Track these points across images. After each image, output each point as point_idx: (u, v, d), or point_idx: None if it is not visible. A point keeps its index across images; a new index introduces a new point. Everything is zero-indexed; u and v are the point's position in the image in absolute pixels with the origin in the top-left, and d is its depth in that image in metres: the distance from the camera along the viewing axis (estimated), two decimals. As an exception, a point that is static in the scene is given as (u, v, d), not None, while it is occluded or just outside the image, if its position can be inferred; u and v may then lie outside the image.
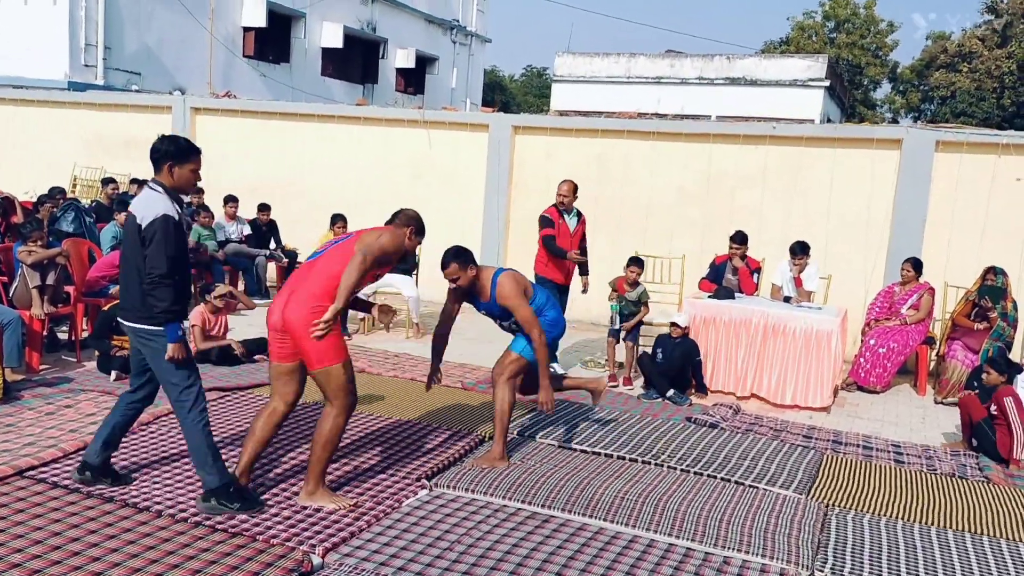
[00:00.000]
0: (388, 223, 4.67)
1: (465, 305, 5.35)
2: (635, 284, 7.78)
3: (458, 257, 4.99)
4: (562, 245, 7.68)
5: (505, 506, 4.63)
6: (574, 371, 8.17)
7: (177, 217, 4.27)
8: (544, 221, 7.76)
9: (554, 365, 8.00)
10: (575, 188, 7.78)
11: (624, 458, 5.50)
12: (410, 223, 4.60)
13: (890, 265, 9.03)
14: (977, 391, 6.54)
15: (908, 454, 6.10)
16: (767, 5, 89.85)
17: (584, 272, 8.03)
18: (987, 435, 6.12)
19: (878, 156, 9.21)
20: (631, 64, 29.62)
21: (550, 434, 5.85)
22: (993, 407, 6.10)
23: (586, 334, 9.81)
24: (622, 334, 7.84)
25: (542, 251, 7.78)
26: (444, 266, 4.99)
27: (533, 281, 5.85)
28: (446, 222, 10.79)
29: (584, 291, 8.05)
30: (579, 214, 7.90)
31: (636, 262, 7.85)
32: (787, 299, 8.02)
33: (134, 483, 4.59)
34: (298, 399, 4.56)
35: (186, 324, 6.97)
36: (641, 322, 7.85)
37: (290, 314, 4.27)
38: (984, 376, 6.35)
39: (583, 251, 7.91)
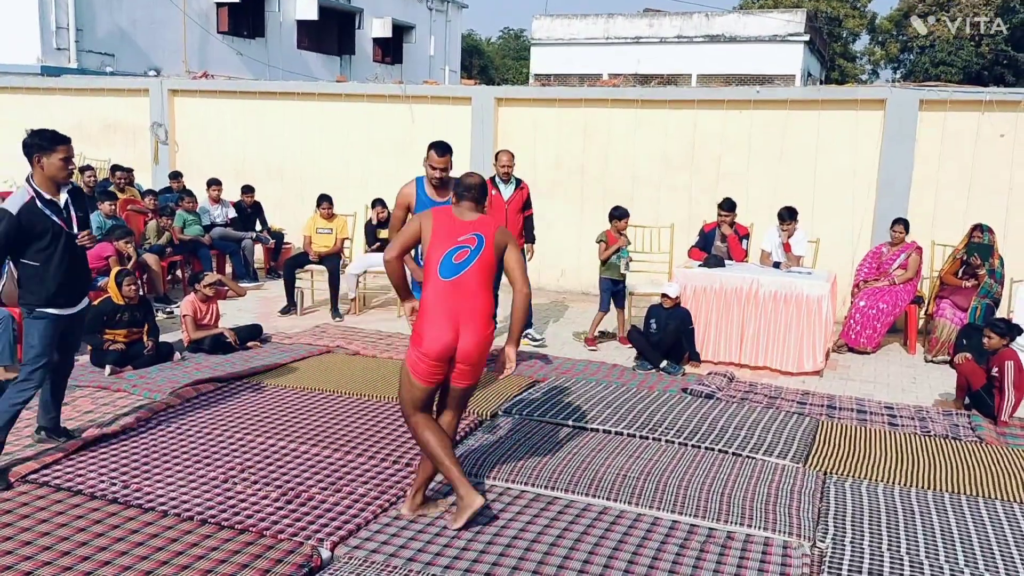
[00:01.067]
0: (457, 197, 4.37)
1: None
2: (621, 234, 7.99)
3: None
4: (495, 214, 7.69)
5: (509, 489, 4.67)
6: (568, 344, 8.20)
7: (23, 210, 4.52)
8: None
9: (530, 331, 8.19)
10: (512, 157, 7.90)
11: (623, 434, 5.55)
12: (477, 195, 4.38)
13: (877, 226, 9.08)
14: (967, 354, 6.57)
15: (901, 416, 6.19)
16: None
17: (530, 240, 8.02)
18: (986, 402, 6.20)
19: (862, 117, 9.21)
20: (609, 25, 29.40)
21: (547, 413, 5.88)
22: (994, 369, 6.15)
23: (577, 304, 9.83)
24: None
25: None
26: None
27: None
28: (432, 198, 10.75)
29: (528, 258, 8.02)
30: (518, 182, 7.91)
31: (619, 211, 8.04)
32: (776, 264, 8.06)
33: (137, 483, 4.60)
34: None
35: (176, 311, 7.02)
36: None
37: (470, 347, 4.10)
38: (985, 340, 6.33)
39: (526, 219, 7.92)
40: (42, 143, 4.53)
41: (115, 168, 11.17)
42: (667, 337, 7.32)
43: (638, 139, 10.13)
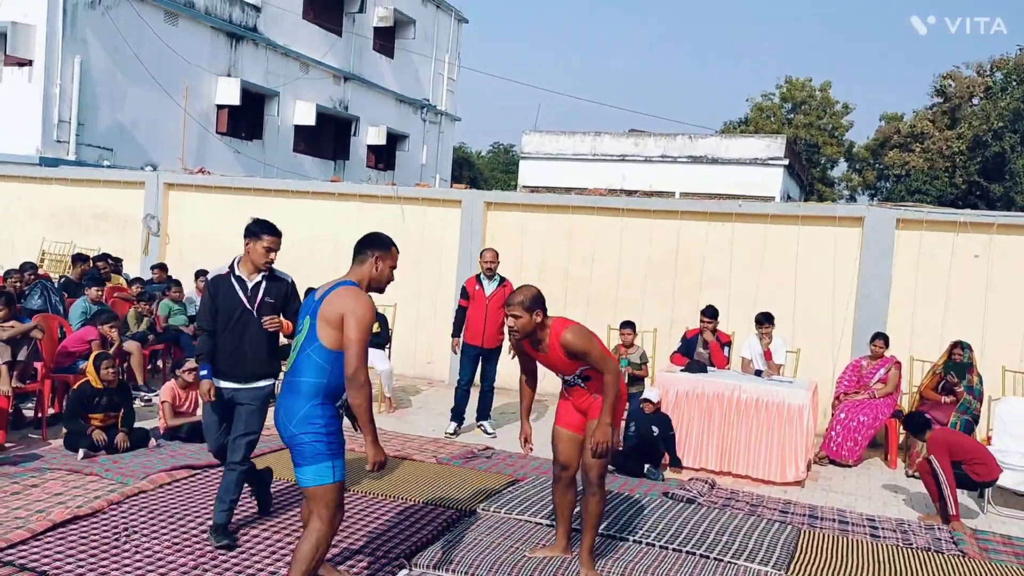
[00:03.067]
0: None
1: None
2: (631, 345, 8.26)
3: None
4: (476, 309, 8.13)
5: (486, 585, 4.57)
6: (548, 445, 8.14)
7: (215, 279, 5.06)
8: (461, 291, 8.36)
9: (484, 423, 8.38)
10: (497, 255, 8.26)
11: (602, 535, 5.46)
12: None
13: (857, 338, 9.20)
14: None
15: (883, 528, 6.14)
16: (726, 87, 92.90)
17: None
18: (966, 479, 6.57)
19: (841, 233, 9.48)
20: (596, 142, 30.31)
21: (527, 510, 5.80)
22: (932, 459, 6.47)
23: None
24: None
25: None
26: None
27: None
28: (420, 296, 10.86)
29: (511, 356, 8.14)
30: (501, 279, 8.25)
31: (628, 324, 8.39)
32: (758, 372, 8.13)
33: (105, 564, 4.47)
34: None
35: (155, 399, 7.02)
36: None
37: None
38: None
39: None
40: (255, 230, 4.94)
41: (102, 257, 11.25)
42: (646, 443, 7.29)
43: (623, 246, 10.34)
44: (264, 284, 4.94)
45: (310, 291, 4.35)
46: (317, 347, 3.78)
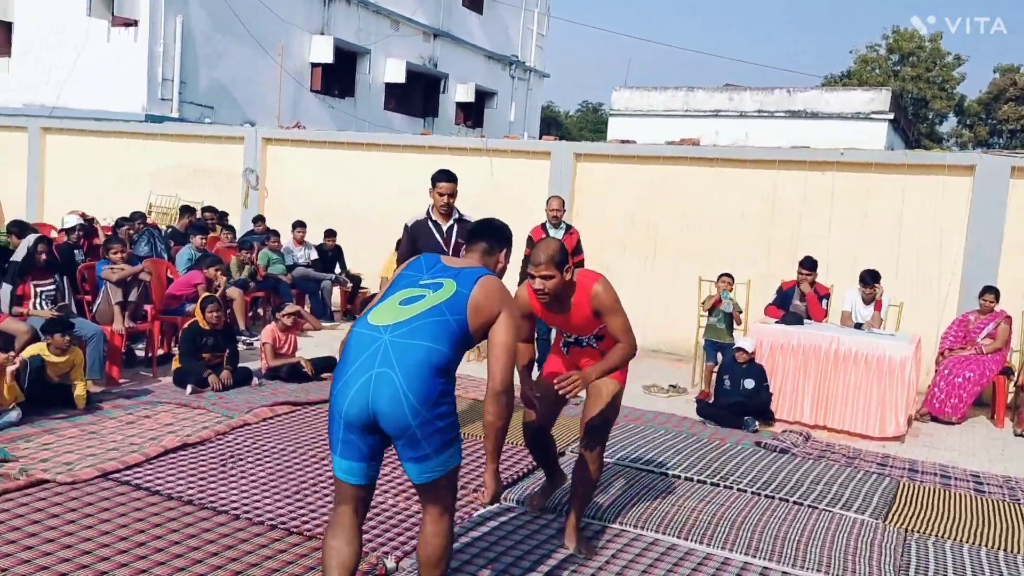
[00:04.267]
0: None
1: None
2: (726, 294, 8.22)
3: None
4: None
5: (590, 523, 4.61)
6: (636, 397, 8.12)
7: (416, 224, 5.75)
8: (527, 241, 8.23)
9: None
10: (563, 203, 8.35)
11: (693, 479, 5.44)
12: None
13: (964, 293, 8.82)
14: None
15: (988, 484, 5.92)
16: (828, 39, 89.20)
17: None
18: None
19: (950, 182, 9.05)
20: (689, 98, 29.61)
21: (615, 454, 5.81)
22: None
23: (663, 363, 9.69)
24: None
25: None
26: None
27: None
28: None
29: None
30: (568, 227, 8.28)
31: (727, 275, 8.31)
32: (858, 326, 7.88)
33: (213, 486, 4.70)
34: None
35: (256, 343, 7.20)
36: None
37: None
38: None
39: (577, 264, 8.02)
40: (432, 178, 5.62)
41: (206, 209, 11.67)
42: (747, 401, 7.15)
43: (715, 197, 10.13)
44: (456, 227, 5.49)
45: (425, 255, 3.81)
46: (462, 321, 3.05)
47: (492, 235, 3.51)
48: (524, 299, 4.11)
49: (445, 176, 5.61)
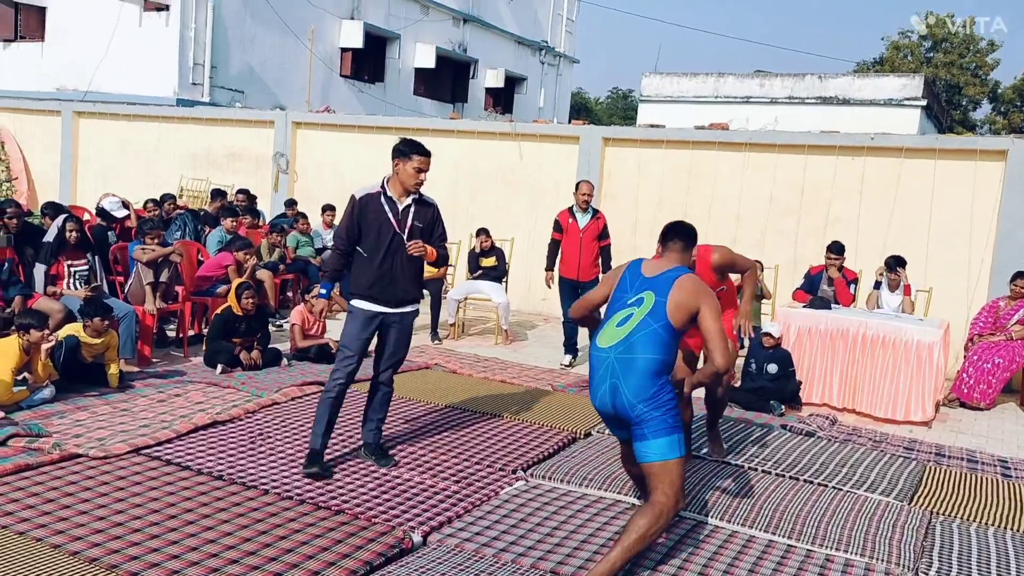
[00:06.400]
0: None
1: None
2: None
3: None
4: (570, 242, 8.10)
5: (602, 497, 4.65)
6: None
7: (366, 198, 4.88)
8: (554, 224, 8.30)
9: (568, 357, 8.41)
10: (593, 187, 8.30)
11: (717, 461, 5.45)
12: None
13: (995, 279, 8.72)
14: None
15: (1016, 469, 5.87)
16: (860, 25, 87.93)
17: (607, 269, 8.03)
18: None
19: (981, 168, 8.94)
20: (719, 84, 29.34)
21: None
22: None
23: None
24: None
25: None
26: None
27: None
28: (536, 233, 10.90)
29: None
30: (595, 212, 8.22)
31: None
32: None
33: (243, 463, 4.79)
34: None
35: (285, 325, 7.19)
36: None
37: None
38: None
39: (603, 249, 8.12)
40: (404, 149, 4.77)
41: (242, 191, 11.79)
42: (771, 386, 7.13)
43: (744, 182, 10.07)
44: (413, 208, 4.81)
45: (631, 263, 4.03)
46: (667, 324, 3.74)
47: (687, 234, 4.25)
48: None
49: (424, 150, 4.82)
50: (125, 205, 9.07)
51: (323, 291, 5.06)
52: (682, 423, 3.81)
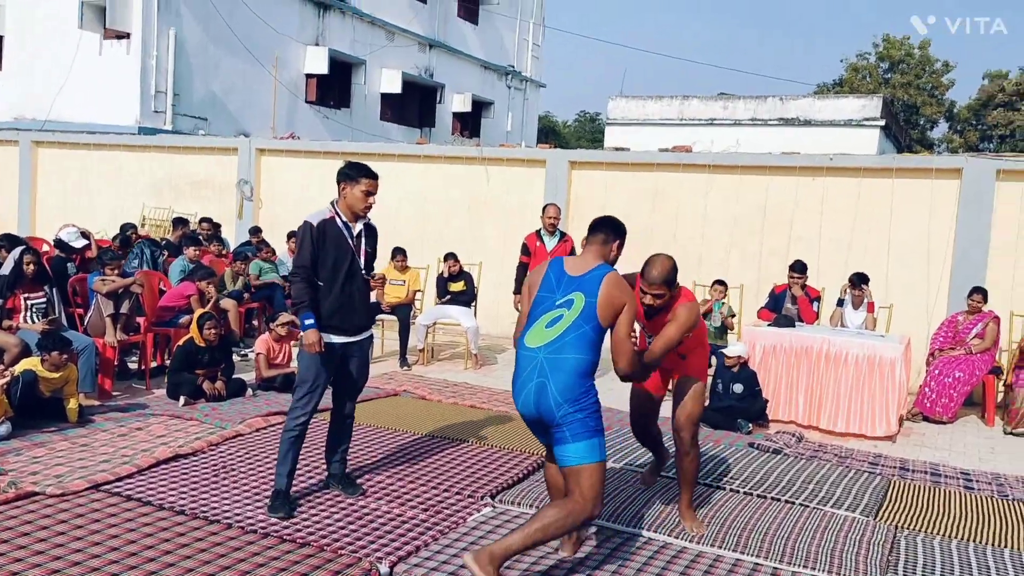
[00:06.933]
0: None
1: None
2: (719, 303, 8.46)
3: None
4: (537, 266, 8.06)
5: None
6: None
7: (323, 223, 4.67)
8: (522, 248, 8.39)
9: None
10: (559, 210, 8.43)
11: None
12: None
13: (953, 294, 8.88)
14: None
15: (978, 481, 5.95)
16: (819, 48, 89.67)
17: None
18: None
19: (938, 185, 9.12)
20: (684, 106, 29.73)
21: (611, 457, 5.83)
22: None
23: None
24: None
25: None
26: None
27: None
28: (504, 256, 10.92)
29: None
30: (562, 234, 8.32)
31: (720, 282, 8.51)
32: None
33: (206, 496, 4.71)
34: None
35: (251, 354, 7.00)
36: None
37: None
38: None
39: None
40: (350, 173, 4.63)
41: (203, 220, 11.69)
42: (738, 405, 7.17)
43: (708, 203, 10.19)
44: (364, 233, 4.69)
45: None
46: (596, 324, 3.73)
47: (609, 226, 4.11)
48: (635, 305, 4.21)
49: (372, 173, 4.64)
50: (85, 235, 8.93)
51: (309, 321, 4.54)
52: (603, 428, 3.77)
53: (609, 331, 3.82)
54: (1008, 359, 8.24)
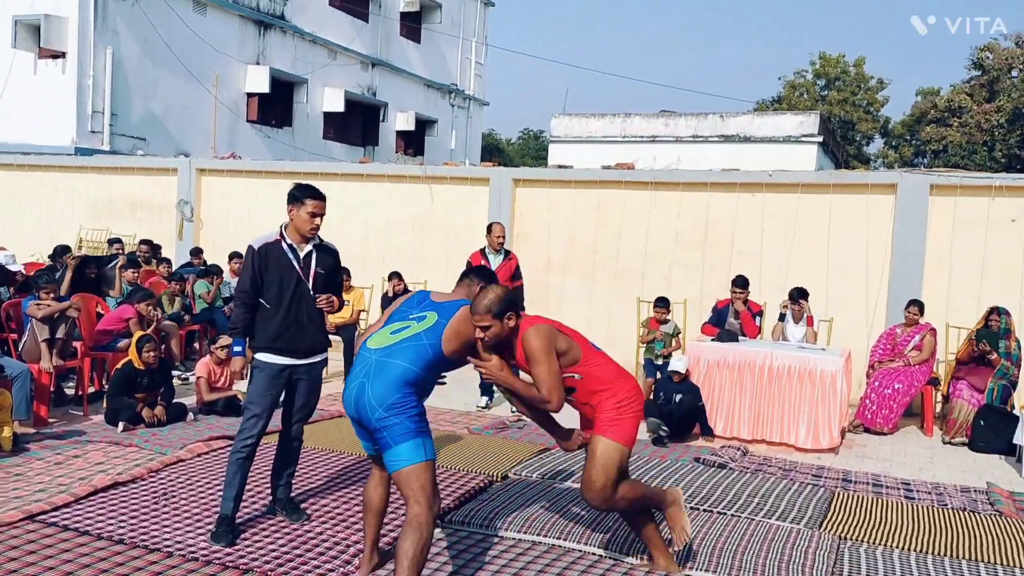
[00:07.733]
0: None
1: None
2: (665, 321, 8.52)
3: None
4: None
5: (520, 540, 4.62)
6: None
7: (265, 247, 4.69)
8: (467, 266, 8.14)
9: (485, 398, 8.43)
10: (504, 229, 8.40)
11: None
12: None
13: (891, 307, 9.10)
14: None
15: (918, 491, 6.09)
16: (758, 65, 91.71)
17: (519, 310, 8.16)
18: None
19: (874, 200, 9.36)
20: (626, 124, 30.08)
21: (558, 476, 5.84)
22: None
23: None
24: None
25: None
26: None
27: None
28: (449, 275, 10.88)
29: None
30: (507, 253, 8.31)
31: (663, 302, 8.56)
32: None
33: (146, 524, 4.58)
34: None
35: (191, 377, 6.83)
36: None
37: None
38: None
39: (515, 290, 8.03)
40: (297, 195, 4.65)
41: (143, 242, 11.44)
42: (679, 411, 7.27)
43: (651, 219, 10.31)
44: (315, 254, 4.69)
45: (418, 292, 4.07)
46: (436, 344, 3.77)
47: (478, 273, 4.24)
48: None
49: (318, 194, 4.66)
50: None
51: (237, 348, 4.71)
52: (428, 429, 3.72)
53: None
54: (945, 370, 8.47)
